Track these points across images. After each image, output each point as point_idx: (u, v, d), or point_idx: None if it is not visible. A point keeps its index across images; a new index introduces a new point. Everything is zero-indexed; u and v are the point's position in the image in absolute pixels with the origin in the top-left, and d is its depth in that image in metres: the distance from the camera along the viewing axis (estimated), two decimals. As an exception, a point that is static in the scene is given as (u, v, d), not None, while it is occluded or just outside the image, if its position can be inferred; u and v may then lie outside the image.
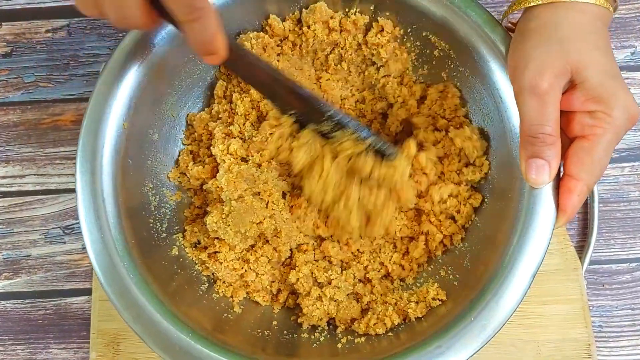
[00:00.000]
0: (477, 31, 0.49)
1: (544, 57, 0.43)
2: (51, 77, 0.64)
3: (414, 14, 0.52)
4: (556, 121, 0.43)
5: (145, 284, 0.47)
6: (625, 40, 0.64)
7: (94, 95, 0.48)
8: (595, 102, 0.43)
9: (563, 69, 0.43)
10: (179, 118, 0.56)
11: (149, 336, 0.46)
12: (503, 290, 0.46)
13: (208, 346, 0.46)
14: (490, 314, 0.45)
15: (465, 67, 0.52)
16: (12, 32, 0.65)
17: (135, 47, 0.49)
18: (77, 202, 0.47)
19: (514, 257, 0.46)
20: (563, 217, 0.45)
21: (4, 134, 0.63)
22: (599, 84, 0.43)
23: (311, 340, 0.52)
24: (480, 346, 0.45)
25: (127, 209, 0.49)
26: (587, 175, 0.43)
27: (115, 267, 0.46)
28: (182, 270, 0.53)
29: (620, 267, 0.61)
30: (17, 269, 0.61)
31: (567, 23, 0.44)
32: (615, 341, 0.59)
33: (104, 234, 0.47)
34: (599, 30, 0.45)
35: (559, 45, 0.43)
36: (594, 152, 0.43)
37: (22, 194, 0.62)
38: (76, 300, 0.60)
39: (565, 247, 0.59)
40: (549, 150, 0.43)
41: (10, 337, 0.60)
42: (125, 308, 0.46)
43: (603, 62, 0.43)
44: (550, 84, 0.43)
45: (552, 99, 0.43)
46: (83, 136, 0.48)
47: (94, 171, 0.48)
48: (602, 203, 0.61)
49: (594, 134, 0.43)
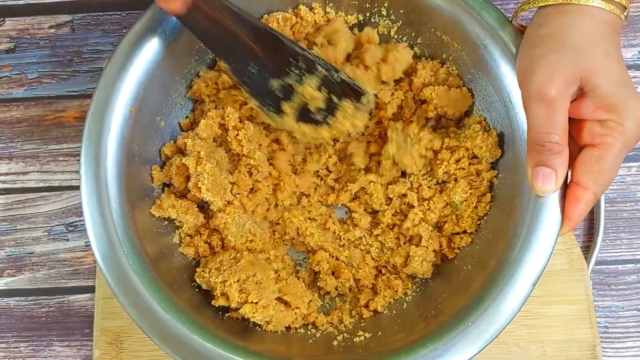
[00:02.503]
0: (490, 32, 0.49)
1: (553, 64, 0.42)
2: (54, 74, 0.64)
3: (426, 12, 0.52)
4: (564, 129, 0.42)
5: (144, 270, 0.47)
6: (633, 38, 0.64)
7: (103, 79, 0.48)
8: (607, 111, 0.42)
9: (572, 76, 0.42)
10: (186, 106, 0.55)
11: (145, 323, 0.46)
12: (503, 296, 0.45)
13: (202, 335, 0.46)
14: (490, 318, 0.45)
15: (477, 68, 0.51)
16: (15, 28, 0.65)
17: (146, 34, 0.49)
18: (81, 185, 0.47)
19: (516, 263, 0.46)
20: (568, 225, 0.45)
21: (7, 131, 0.63)
22: (611, 92, 0.42)
23: (307, 336, 0.52)
24: (478, 350, 0.45)
25: (130, 195, 0.49)
26: (595, 184, 0.43)
27: (115, 253, 0.46)
28: (181, 258, 0.53)
29: (626, 268, 0.60)
30: (20, 266, 0.61)
31: (577, 29, 0.43)
32: (621, 342, 0.59)
33: (106, 218, 0.47)
34: (610, 36, 0.44)
35: (568, 53, 0.43)
36: (604, 161, 0.42)
37: (25, 191, 0.62)
38: (79, 298, 0.60)
39: (572, 247, 0.58)
40: (556, 159, 0.42)
41: (14, 334, 0.60)
42: (123, 294, 0.46)
43: (614, 70, 0.43)
44: (559, 91, 0.42)
45: (561, 107, 0.42)
46: (90, 120, 0.48)
47: (98, 156, 0.48)
48: (609, 203, 0.61)
49: (605, 143, 0.42)
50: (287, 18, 0.54)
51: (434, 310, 0.50)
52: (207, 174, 0.49)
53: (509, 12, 0.52)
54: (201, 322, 0.47)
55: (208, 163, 0.49)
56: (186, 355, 0.45)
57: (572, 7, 0.44)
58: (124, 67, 0.48)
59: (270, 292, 0.49)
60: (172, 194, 0.53)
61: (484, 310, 0.45)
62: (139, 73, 0.49)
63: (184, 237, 0.53)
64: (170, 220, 0.53)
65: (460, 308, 0.47)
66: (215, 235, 0.53)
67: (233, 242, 0.51)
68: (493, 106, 0.52)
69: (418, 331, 0.48)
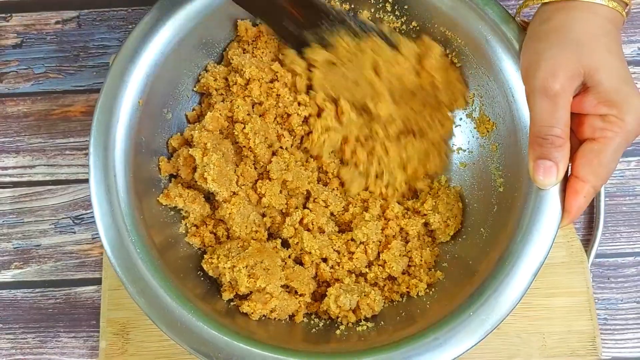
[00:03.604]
0: (493, 28, 0.50)
1: (557, 59, 0.43)
2: (61, 69, 0.65)
3: (430, 8, 0.53)
4: (566, 123, 0.43)
5: (151, 259, 0.47)
6: (632, 34, 0.65)
7: (111, 71, 0.49)
8: (608, 106, 0.43)
9: (576, 71, 0.43)
10: (193, 99, 0.56)
11: (152, 311, 0.46)
12: (504, 286, 0.46)
13: (208, 323, 0.46)
14: (490, 309, 0.46)
15: (480, 64, 0.52)
16: (22, 24, 0.65)
17: (154, 27, 0.50)
18: (89, 174, 0.48)
19: (517, 254, 0.46)
20: (567, 218, 0.46)
21: (14, 125, 0.64)
22: (613, 88, 0.43)
23: (310, 325, 0.52)
24: (479, 340, 0.46)
25: (137, 185, 0.49)
26: (594, 177, 0.44)
27: (123, 242, 0.47)
28: (187, 247, 0.53)
29: (625, 261, 0.61)
30: (27, 259, 0.61)
31: (579, 25, 0.44)
32: (621, 334, 0.60)
33: (114, 208, 0.47)
34: (611, 33, 0.45)
35: (572, 48, 0.43)
36: (603, 155, 0.43)
37: (32, 184, 0.63)
38: (86, 290, 0.61)
39: (572, 240, 0.59)
40: (557, 152, 0.43)
41: (21, 325, 0.60)
42: (131, 282, 0.47)
43: (616, 66, 0.44)
44: (562, 86, 0.43)
45: (563, 101, 0.43)
46: (98, 111, 0.49)
47: (107, 146, 0.48)
48: (608, 197, 0.62)
49: (605, 137, 0.43)
50: None
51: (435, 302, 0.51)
52: (213, 164, 0.50)
53: (511, 8, 0.53)
54: (206, 310, 0.47)
55: (214, 154, 0.50)
56: (192, 342, 0.46)
57: (574, 4, 0.45)
58: (132, 60, 0.49)
59: (277, 278, 0.50)
60: (179, 184, 0.53)
61: (485, 301, 0.46)
62: (147, 66, 0.50)
63: (190, 227, 0.54)
64: (177, 210, 0.54)
65: (463, 299, 0.47)
66: (220, 225, 0.54)
67: (238, 232, 0.52)
68: (495, 101, 0.52)
69: (420, 321, 0.49)
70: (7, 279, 0.61)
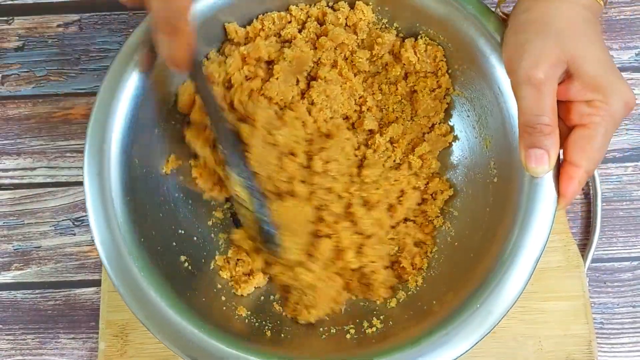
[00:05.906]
0: (474, 23, 0.51)
1: (539, 49, 0.44)
2: (62, 72, 0.65)
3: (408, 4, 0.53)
4: (553, 111, 0.44)
5: (150, 271, 0.48)
6: (630, 41, 0.65)
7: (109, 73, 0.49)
8: (593, 91, 0.44)
9: (558, 60, 0.44)
10: (186, 119, 0.56)
11: (146, 318, 0.47)
12: (507, 277, 0.46)
13: (208, 333, 0.47)
14: (495, 300, 0.46)
15: (464, 60, 0.53)
16: (24, 27, 0.66)
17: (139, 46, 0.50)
18: (85, 187, 0.48)
19: (517, 243, 0.47)
20: (563, 202, 0.47)
21: (15, 127, 0.64)
22: (596, 73, 0.44)
23: (320, 332, 0.53)
24: (487, 332, 0.46)
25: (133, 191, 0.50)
26: (587, 162, 0.44)
27: (121, 257, 0.47)
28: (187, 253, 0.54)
29: (622, 265, 0.61)
30: (27, 260, 0.62)
31: (559, 15, 0.45)
32: (616, 338, 0.60)
33: (110, 219, 0.48)
34: (591, 21, 0.46)
35: (553, 37, 0.44)
36: (594, 140, 0.44)
37: (33, 186, 0.63)
38: (85, 291, 0.61)
39: (568, 244, 0.59)
40: (547, 140, 0.44)
41: (21, 326, 0.61)
42: (127, 290, 0.47)
43: (598, 53, 0.45)
44: (546, 75, 0.44)
45: (549, 89, 0.44)
46: (95, 110, 0.49)
47: (101, 161, 0.48)
48: (605, 202, 0.62)
49: (593, 122, 0.44)
50: (281, 17, 0.55)
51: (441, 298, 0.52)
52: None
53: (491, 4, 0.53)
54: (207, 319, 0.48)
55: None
56: (191, 351, 0.46)
57: None
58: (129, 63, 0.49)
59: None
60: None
61: (490, 292, 0.46)
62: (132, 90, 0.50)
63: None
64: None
65: (468, 292, 0.48)
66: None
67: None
68: (482, 94, 0.53)
69: (428, 318, 0.49)
70: (7, 280, 0.61)
